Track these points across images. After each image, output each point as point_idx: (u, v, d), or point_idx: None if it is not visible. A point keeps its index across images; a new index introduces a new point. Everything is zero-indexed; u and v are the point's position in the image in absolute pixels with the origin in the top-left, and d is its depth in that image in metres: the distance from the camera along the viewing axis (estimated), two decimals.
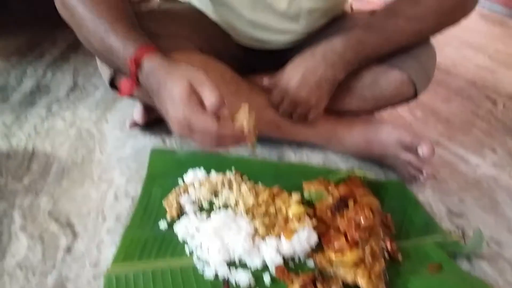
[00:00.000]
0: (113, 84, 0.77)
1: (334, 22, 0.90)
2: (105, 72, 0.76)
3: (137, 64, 0.59)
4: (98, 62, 0.77)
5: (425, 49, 0.80)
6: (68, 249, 0.59)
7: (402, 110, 1.07)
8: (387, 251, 0.59)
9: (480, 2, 2.26)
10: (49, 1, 0.68)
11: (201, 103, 0.55)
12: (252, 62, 0.93)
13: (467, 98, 1.21)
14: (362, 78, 0.82)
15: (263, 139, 0.88)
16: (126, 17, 0.65)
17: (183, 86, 0.54)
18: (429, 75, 0.83)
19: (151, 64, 0.59)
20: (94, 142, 0.87)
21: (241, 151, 0.86)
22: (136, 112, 0.90)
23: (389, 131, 0.79)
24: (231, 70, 0.82)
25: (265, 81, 0.82)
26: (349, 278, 0.54)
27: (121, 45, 0.60)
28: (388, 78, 0.80)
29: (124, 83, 0.65)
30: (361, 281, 0.53)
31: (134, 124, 0.91)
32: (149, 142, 0.88)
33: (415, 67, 0.79)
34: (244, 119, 0.58)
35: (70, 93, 1.06)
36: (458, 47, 1.65)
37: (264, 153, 0.87)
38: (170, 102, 0.55)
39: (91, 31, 0.63)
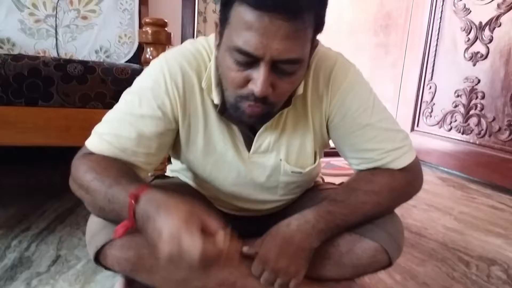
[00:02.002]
0: (97, 259, 0.79)
1: (307, 193, 1.01)
2: (92, 246, 0.79)
3: (136, 197, 0.64)
4: (87, 236, 0.81)
5: (391, 221, 0.89)
6: None
7: (382, 274, 1.10)
8: None
9: (439, 168, 2.54)
10: (40, 173, 0.77)
11: (200, 228, 0.59)
12: (234, 228, 0.99)
13: (441, 260, 1.25)
14: (339, 246, 0.88)
15: None
16: (130, 174, 0.73)
17: (186, 208, 0.60)
18: (399, 243, 0.89)
19: (151, 195, 0.64)
20: None
21: None
22: (117, 285, 0.90)
23: None
24: None
25: (246, 249, 0.87)
26: None
27: (123, 191, 0.66)
28: (362, 246, 0.86)
29: (120, 226, 0.66)
30: None
31: None
32: None
33: (385, 237, 0.86)
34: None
35: (52, 266, 1.06)
36: (426, 209, 1.78)
37: None
38: (169, 219, 0.59)
39: (97, 190, 0.69)
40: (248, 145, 0.86)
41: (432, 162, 2.63)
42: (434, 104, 2.69)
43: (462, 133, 2.47)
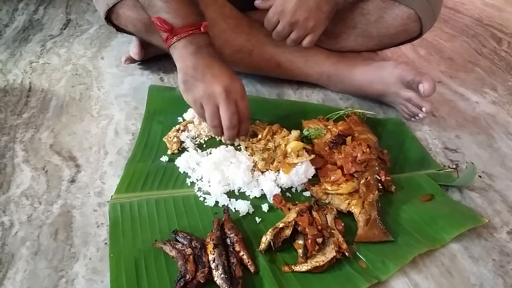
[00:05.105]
0: (108, 19, 0.74)
1: None
2: (102, 4, 0.73)
3: (174, 34, 0.60)
4: None
5: None
6: (72, 180, 0.60)
7: (406, 48, 1.05)
8: (381, 183, 0.60)
9: None
10: None
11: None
12: None
13: (472, 36, 1.17)
14: (369, 14, 0.79)
15: (263, 78, 0.87)
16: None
17: (228, 78, 0.61)
18: (436, 12, 0.80)
19: (206, 49, 0.61)
20: (91, 78, 0.86)
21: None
22: (132, 47, 0.88)
23: (391, 69, 0.78)
24: (230, 5, 0.79)
25: (258, 3, 0.76)
26: (343, 207, 0.56)
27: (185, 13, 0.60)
28: (395, 13, 0.78)
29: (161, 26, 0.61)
30: (355, 209, 0.55)
31: (130, 60, 0.89)
32: (146, 79, 0.87)
33: (422, 3, 0.76)
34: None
35: (64, 29, 1.03)
36: None
37: (264, 92, 0.86)
38: (214, 82, 0.60)
39: None
40: None
41: None
42: None
43: None
